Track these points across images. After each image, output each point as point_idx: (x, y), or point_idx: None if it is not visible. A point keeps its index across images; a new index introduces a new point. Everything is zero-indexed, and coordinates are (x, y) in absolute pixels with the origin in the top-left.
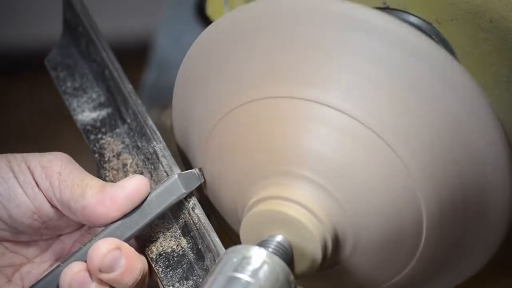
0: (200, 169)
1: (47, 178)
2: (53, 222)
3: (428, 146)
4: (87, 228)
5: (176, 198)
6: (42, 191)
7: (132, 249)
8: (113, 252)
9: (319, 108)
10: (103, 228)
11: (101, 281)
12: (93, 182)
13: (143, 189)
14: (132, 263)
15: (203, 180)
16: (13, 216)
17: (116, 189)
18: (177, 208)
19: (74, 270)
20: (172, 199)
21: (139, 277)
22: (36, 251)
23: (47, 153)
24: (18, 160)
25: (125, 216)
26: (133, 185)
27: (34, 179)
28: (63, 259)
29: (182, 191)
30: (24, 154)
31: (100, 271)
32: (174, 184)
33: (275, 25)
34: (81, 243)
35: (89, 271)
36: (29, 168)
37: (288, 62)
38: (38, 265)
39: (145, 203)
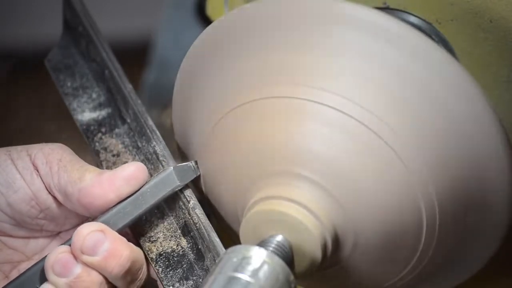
0: (196, 162)
1: (48, 163)
2: (50, 212)
3: (427, 146)
4: None
5: (171, 190)
6: (40, 177)
7: (119, 235)
8: (94, 234)
9: (319, 108)
10: (95, 218)
11: (87, 266)
12: (92, 168)
13: (141, 174)
14: (117, 248)
15: (199, 173)
16: (12, 204)
17: (114, 172)
18: (177, 208)
19: (57, 251)
20: (167, 191)
21: (128, 266)
22: (35, 248)
23: (49, 143)
24: (18, 149)
25: (119, 204)
26: (131, 169)
27: (34, 164)
28: None
29: (177, 183)
30: (25, 145)
31: (82, 252)
32: (169, 176)
33: (275, 25)
34: None
35: (73, 253)
36: (30, 155)
37: (289, 62)
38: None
39: (139, 193)
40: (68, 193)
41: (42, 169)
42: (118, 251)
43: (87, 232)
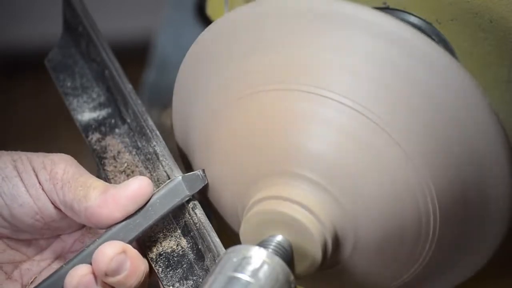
0: (204, 171)
1: (51, 179)
2: (55, 223)
3: (427, 145)
4: (87, 227)
5: (180, 200)
6: (45, 192)
7: (136, 251)
8: (119, 256)
9: (318, 108)
10: (106, 229)
11: (105, 284)
12: (96, 183)
13: (146, 190)
14: (137, 265)
15: (206, 182)
16: (15, 215)
17: (119, 190)
18: (178, 208)
19: (80, 273)
20: (176, 201)
21: (142, 279)
22: (36, 249)
23: (52, 154)
24: (23, 159)
25: (129, 218)
26: (136, 186)
27: (38, 180)
28: (66, 260)
29: (186, 193)
30: (29, 154)
31: (106, 275)
32: (178, 186)
33: (275, 25)
34: (81, 242)
35: (94, 274)
36: (33, 169)
37: (289, 61)
38: (38, 263)
39: (148, 204)
40: (75, 210)
41: (46, 185)
42: (137, 268)
43: (113, 255)
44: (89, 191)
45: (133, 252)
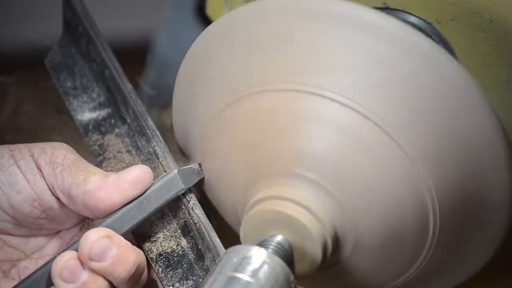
0: (200, 165)
1: (51, 164)
2: (53, 213)
3: (427, 145)
4: (86, 224)
5: (175, 194)
6: (44, 177)
7: (125, 240)
8: (102, 240)
9: (319, 108)
10: (100, 221)
11: (94, 272)
12: (97, 170)
13: (147, 177)
14: (124, 253)
15: (202, 176)
16: (14, 204)
17: (120, 175)
18: (177, 208)
19: (65, 257)
20: (171, 195)
21: (133, 270)
22: (35, 246)
23: (52, 142)
24: (20, 148)
25: (124, 207)
26: (137, 172)
27: (36, 165)
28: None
29: (181, 186)
30: (28, 144)
31: (90, 259)
32: (174, 179)
33: (276, 24)
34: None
35: (80, 260)
36: (32, 155)
37: (289, 61)
38: (35, 261)
39: (143, 197)
40: (73, 195)
41: (45, 170)
42: (125, 257)
43: (95, 239)
44: (89, 176)
45: (121, 241)
